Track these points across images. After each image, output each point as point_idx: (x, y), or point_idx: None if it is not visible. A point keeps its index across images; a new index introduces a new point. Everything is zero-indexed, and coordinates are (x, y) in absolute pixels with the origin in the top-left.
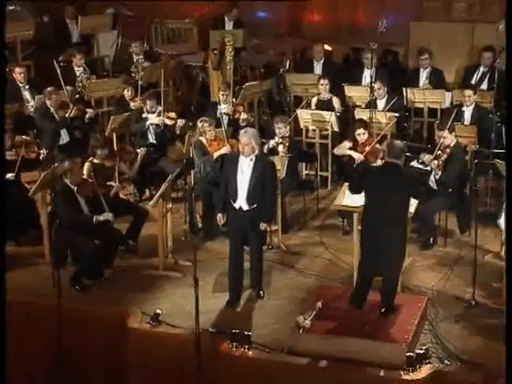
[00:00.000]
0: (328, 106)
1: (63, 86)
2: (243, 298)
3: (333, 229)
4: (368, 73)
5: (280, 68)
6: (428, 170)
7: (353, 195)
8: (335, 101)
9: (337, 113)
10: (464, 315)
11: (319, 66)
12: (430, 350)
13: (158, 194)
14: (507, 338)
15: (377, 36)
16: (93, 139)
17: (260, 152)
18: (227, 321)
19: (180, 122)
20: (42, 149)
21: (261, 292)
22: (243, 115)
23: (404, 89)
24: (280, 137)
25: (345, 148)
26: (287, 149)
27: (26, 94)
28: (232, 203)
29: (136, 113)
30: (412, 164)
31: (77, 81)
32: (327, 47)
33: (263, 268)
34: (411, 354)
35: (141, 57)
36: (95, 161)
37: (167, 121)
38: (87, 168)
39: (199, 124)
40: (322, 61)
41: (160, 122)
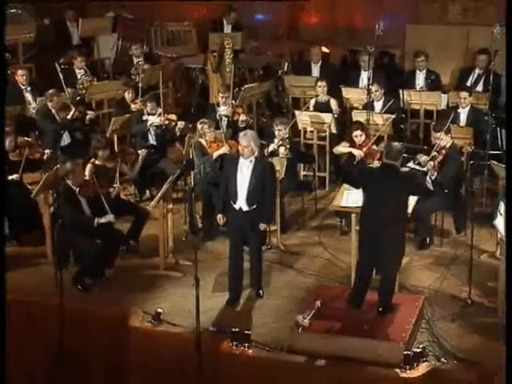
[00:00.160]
0: (326, 108)
1: (64, 88)
2: (243, 298)
3: (331, 229)
4: (365, 75)
5: (278, 70)
6: (424, 171)
7: (351, 197)
8: (333, 103)
9: (334, 114)
10: (460, 314)
11: (317, 69)
12: (427, 349)
13: (159, 195)
14: (507, 338)
15: (373, 38)
16: (94, 141)
17: (259, 153)
18: (227, 320)
19: (180, 124)
20: (47, 149)
21: (260, 291)
22: (242, 117)
23: (400, 91)
24: (280, 139)
25: (345, 146)
26: (288, 150)
27: (28, 96)
28: (232, 204)
29: (137, 115)
30: (408, 165)
31: (78, 83)
32: (325, 49)
33: (262, 268)
34: (408, 353)
35: (141, 59)
36: (97, 162)
37: (167, 122)
38: (89, 169)
39: (199, 126)
40: (320, 63)
41: (161, 122)
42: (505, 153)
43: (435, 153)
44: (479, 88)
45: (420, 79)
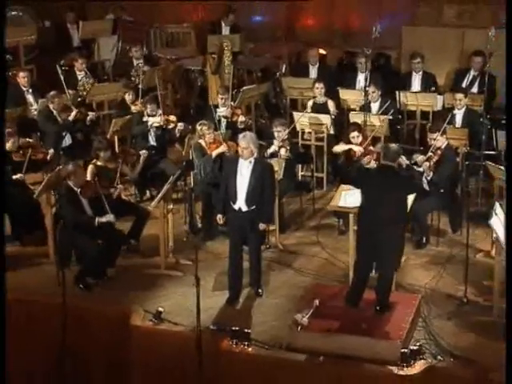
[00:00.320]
0: (323, 109)
1: (65, 90)
2: (242, 296)
3: (329, 228)
4: (362, 76)
5: (276, 72)
6: (420, 171)
7: (348, 197)
8: (330, 104)
9: (332, 116)
10: (456, 312)
11: (314, 70)
12: (424, 346)
13: (160, 196)
14: (507, 337)
15: (370, 40)
16: (96, 142)
17: (259, 154)
18: (227, 318)
19: (180, 126)
20: (50, 149)
21: (259, 290)
22: (241, 118)
23: (397, 92)
24: (280, 140)
25: (344, 145)
26: (288, 152)
27: (30, 98)
28: (232, 204)
29: (137, 116)
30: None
31: (79, 85)
32: (322, 51)
33: (262, 267)
34: (405, 350)
35: (141, 61)
36: (98, 163)
37: (167, 123)
38: (91, 170)
39: (198, 127)
40: (317, 65)
41: (162, 122)
42: (505, 153)
43: (431, 153)
44: (474, 89)
45: (416, 81)
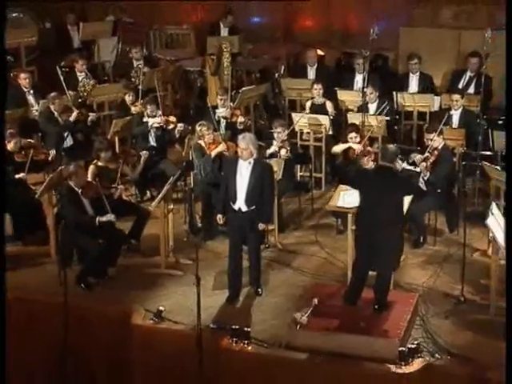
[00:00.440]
0: (322, 110)
1: (66, 91)
2: (242, 295)
3: (327, 228)
4: (360, 77)
5: (275, 73)
6: (417, 172)
7: (347, 198)
8: (328, 105)
9: (330, 116)
10: (453, 311)
11: (312, 71)
12: (422, 345)
13: (160, 196)
14: (507, 336)
15: (368, 41)
16: (97, 142)
17: (258, 155)
18: (227, 317)
19: (180, 127)
20: (51, 150)
21: (259, 289)
22: (240, 118)
23: (394, 93)
24: (280, 141)
25: (344, 145)
26: (288, 152)
27: (31, 99)
28: (231, 205)
29: (137, 117)
30: (402, 165)
31: (79, 86)
32: (320, 52)
33: (261, 266)
34: (403, 349)
35: (140, 62)
36: (99, 163)
37: (167, 123)
38: (92, 171)
39: (198, 128)
40: (316, 66)
41: (162, 123)
42: (505, 154)
43: (428, 154)
44: (471, 90)
45: (413, 82)
